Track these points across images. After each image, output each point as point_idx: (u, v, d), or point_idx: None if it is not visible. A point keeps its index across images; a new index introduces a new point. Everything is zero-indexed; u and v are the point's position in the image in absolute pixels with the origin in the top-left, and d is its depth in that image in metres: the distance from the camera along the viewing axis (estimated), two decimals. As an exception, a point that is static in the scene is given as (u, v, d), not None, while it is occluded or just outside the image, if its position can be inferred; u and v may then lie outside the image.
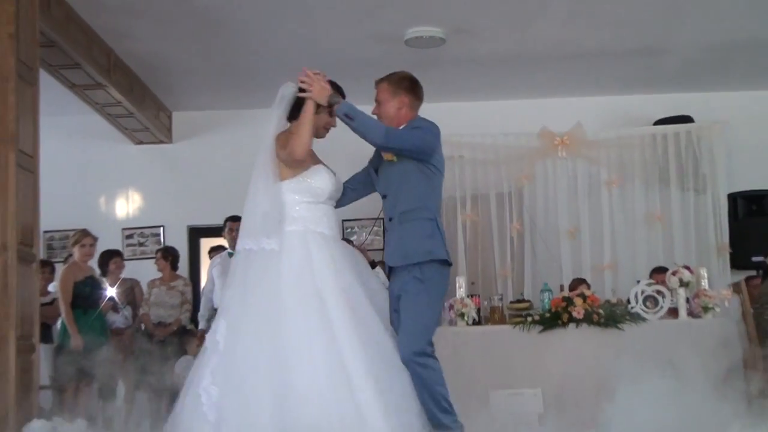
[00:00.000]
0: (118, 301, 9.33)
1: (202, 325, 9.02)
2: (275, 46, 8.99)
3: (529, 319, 7.39)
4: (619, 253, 10.19)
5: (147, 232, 11.19)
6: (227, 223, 8.87)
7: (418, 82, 5.16)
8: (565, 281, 9.11)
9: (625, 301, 7.65)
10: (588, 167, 10.41)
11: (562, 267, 10.05)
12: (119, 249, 10.06)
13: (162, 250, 9.94)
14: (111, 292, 9.24)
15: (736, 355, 7.06)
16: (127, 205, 11.27)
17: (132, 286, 9.73)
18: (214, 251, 9.83)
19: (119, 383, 8.42)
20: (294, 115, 4.97)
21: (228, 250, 9.01)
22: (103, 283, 9.11)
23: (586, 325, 7.24)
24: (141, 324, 9.46)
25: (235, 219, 7.82)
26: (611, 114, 10.78)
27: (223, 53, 9.26)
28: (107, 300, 9.06)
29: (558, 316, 7.29)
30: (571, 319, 7.25)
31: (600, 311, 7.28)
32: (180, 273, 9.95)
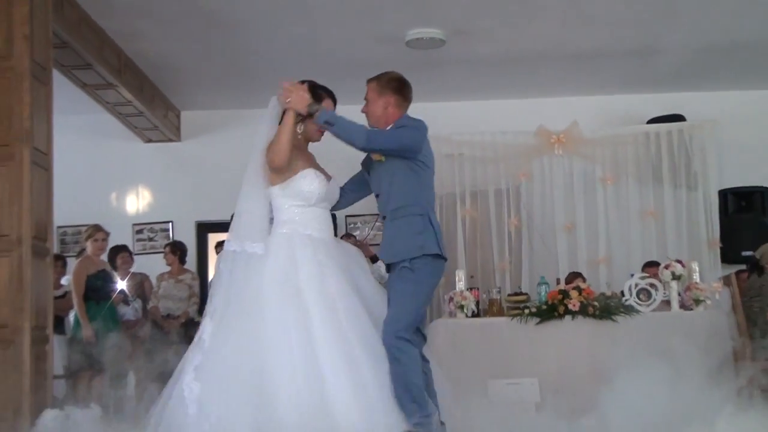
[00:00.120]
0: (128, 294, 9.37)
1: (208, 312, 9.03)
2: (280, 47, 8.99)
3: (527, 311, 7.41)
4: (614, 248, 10.21)
5: (156, 227, 11.21)
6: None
7: (406, 83, 5.11)
8: (562, 275, 9.15)
9: (620, 294, 7.68)
10: (584, 164, 10.43)
11: (558, 261, 10.09)
12: (127, 244, 10.05)
13: (171, 244, 9.98)
14: (121, 285, 9.28)
15: (726, 346, 7.09)
16: (137, 201, 11.29)
17: (142, 280, 9.75)
18: (220, 246, 9.78)
19: (130, 373, 8.43)
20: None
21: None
22: (115, 277, 9.14)
23: (581, 317, 7.27)
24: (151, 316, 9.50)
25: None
26: (606, 113, 10.79)
27: (230, 55, 9.28)
28: (118, 293, 9.10)
29: (554, 308, 7.31)
30: (567, 311, 7.27)
31: (595, 304, 7.30)
32: (188, 267, 9.98)
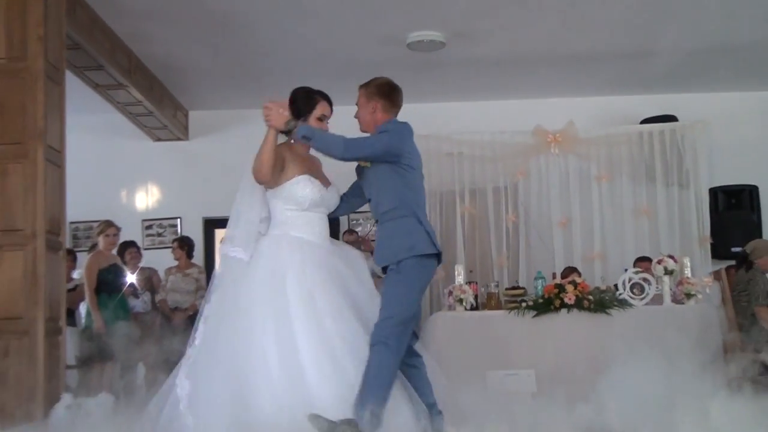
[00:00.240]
0: (137, 287, 9.39)
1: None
2: (285, 49, 9.01)
3: (524, 305, 7.46)
4: (608, 244, 10.23)
5: (165, 223, 11.23)
6: None
7: (395, 88, 5.07)
8: (558, 269, 9.15)
9: (614, 288, 7.71)
10: (579, 163, 10.43)
11: (554, 256, 10.10)
12: (135, 240, 10.06)
13: (178, 239, 9.98)
14: (131, 278, 9.30)
15: (716, 338, 7.11)
16: (147, 198, 11.31)
17: (150, 274, 9.76)
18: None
19: (139, 363, 8.45)
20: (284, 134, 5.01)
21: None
22: (125, 270, 9.17)
23: (576, 311, 7.32)
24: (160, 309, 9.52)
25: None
26: (601, 113, 10.81)
27: (236, 56, 9.29)
28: (128, 286, 9.12)
29: (551, 301, 7.35)
30: (563, 305, 7.31)
31: (590, 297, 7.34)
32: (195, 261, 9.97)
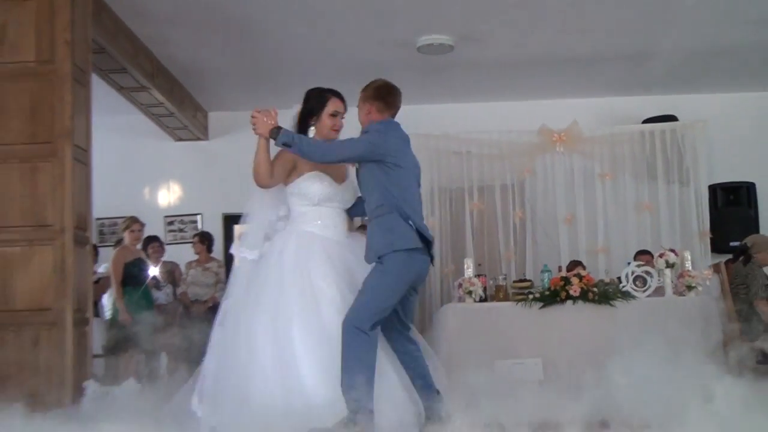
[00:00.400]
0: (160, 280, 9.43)
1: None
2: (300, 52, 9.01)
3: (531, 297, 7.44)
4: (612, 238, 10.19)
5: (186, 219, 11.25)
6: None
7: (390, 90, 5.04)
8: (563, 263, 9.11)
9: (617, 281, 7.67)
10: (583, 161, 10.41)
11: (560, 250, 10.07)
12: (158, 235, 10.13)
13: (199, 234, 10.03)
14: (153, 271, 9.35)
15: (716, 328, 7.09)
16: (169, 195, 11.35)
17: (172, 267, 9.81)
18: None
19: (162, 352, 8.50)
20: (301, 131, 5.08)
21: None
22: (149, 264, 9.21)
23: (581, 302, 7.28)
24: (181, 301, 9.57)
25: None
26: (604, 113, 10.79)
27: (254, 60, 9.30)
28: (151, 278, 9.17)
29: (557, 293, 7.33)
30: (569, 297, 7.28)
31: (594, 289, 7.31)
32: (215, 256, 10.01)
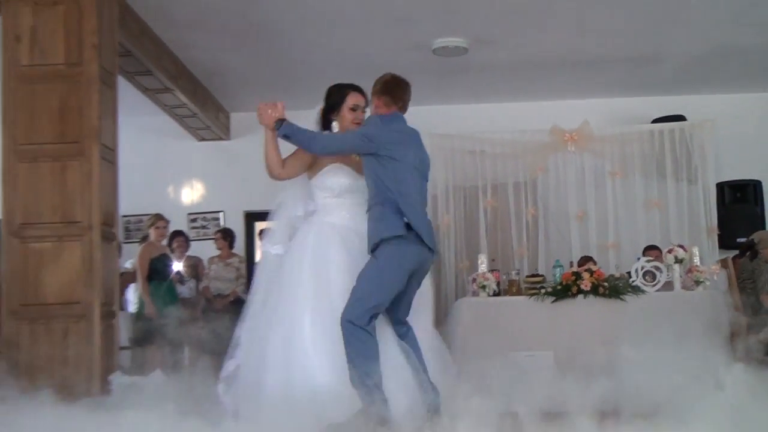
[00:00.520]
0: (183, 275, 9.47)
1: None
2: (319, 54, 9.03)
3: (543, 291, 7.46)
4: (622, 234, 10.15)
5: (209, 216, 11.29)
6: None
7: (397, 83, 5.01)
8: (574, 258, 9.12)
9: (627, 276, 7.67)
10: (594, 160, 10.37)
11: (571, 246, 10.04)
12: (183, 230, 10.19)
13: (221, 231, 10.06)
14: (177, 266, 9.39)
15: (723, 322, 7.09)
16: (192, 193, 11.39)
17: (196, 262, 9.84)
18: (263, 233, 9.86)
19: (185, 345, 8.54)
20: (324, 127, 5.15)
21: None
22: (173, 260, 9.25)
23: (592, 296, 7.30)
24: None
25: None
26: (614, 113, 10.76)
27: (274, 62, 9.31)
28: (175, 273, 9.21)
29: (568, 288, 7.34)
30: (580, 291, 7.30)
31: (605, 284, 7.32)
32: (236, 251, 10.05)
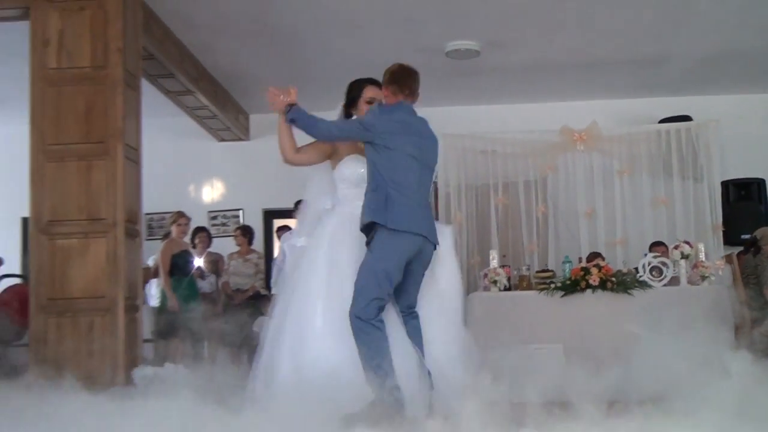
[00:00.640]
0: (204, 270, 9.51)
1: (274, 291, 9.13)
2: (334, 57, 9.06)
3: (552, 286, 7.44)
4: (629, 231, 10.11)
5: (228, 214, 11.34)
6: (298, 206, 8.95)
7: (403, 73, 5.02)
8: (583, 254, 9.09)
9: (634, 271, 7.66)
10: (602, 159, 10.33)
11: (580, 242, 10.00)
12: (206, 226, 10.25)
13: (241, 228, 10.08)
14: (198, 262, 9.43)
15: (728, 316, 7.07)
16: (212, 192, 11.45)
17: (216, 258, 9.87)
18: (280, 230, 9.87)
19: (206, 338, 8.58)
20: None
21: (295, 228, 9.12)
22: (194, 256, 9.30)
23: (601, 291, 7.28)
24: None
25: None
26: (622, 114, 10.75)
27: (292, 64, 9.32)
28: (196, 269, 9.26)
29: (577, 283, 7.32)
30: (588, 286, 7.28)
31: (613, 279, 7.30)
32: (255, 248, 10.08)
